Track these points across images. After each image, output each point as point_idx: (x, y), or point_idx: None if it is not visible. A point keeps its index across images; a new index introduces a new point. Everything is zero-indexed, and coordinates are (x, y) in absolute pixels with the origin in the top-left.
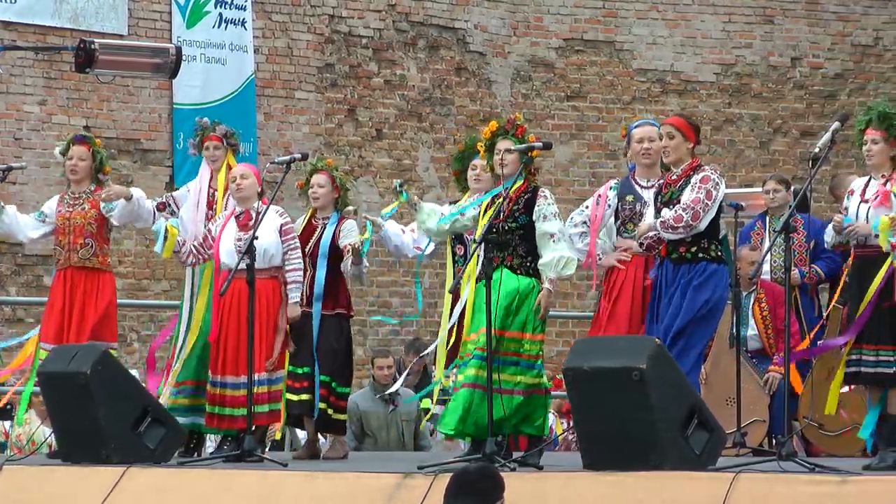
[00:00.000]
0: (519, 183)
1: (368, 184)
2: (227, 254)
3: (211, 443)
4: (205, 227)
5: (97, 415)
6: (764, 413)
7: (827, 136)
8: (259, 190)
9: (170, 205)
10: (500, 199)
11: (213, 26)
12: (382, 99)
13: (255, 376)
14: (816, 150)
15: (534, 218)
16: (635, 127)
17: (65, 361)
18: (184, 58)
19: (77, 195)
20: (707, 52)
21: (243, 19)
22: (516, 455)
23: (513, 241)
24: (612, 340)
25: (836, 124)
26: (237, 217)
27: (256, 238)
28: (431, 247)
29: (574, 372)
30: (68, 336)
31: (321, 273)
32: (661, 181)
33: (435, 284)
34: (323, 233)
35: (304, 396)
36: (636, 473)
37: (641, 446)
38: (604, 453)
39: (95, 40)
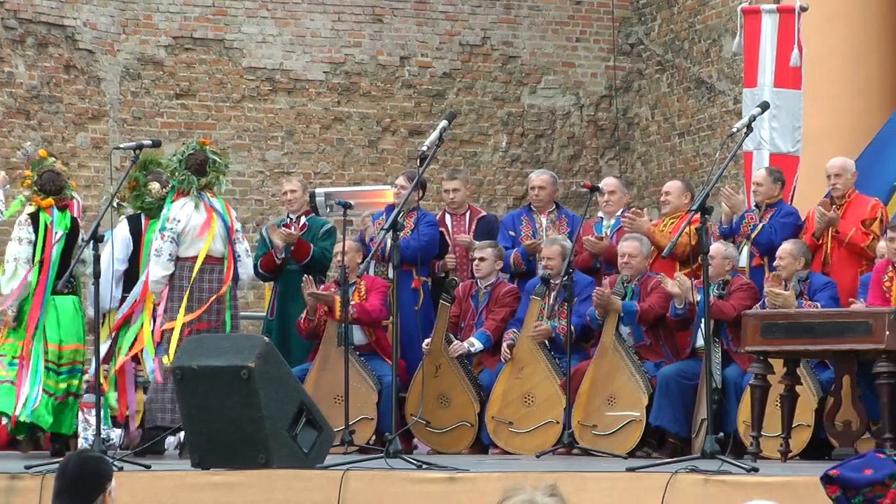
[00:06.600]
0: None
1: None
2: None
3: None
4: None
5: None
6: (372, 411)
7: (435, 135)
8: None
9: None
10: None
11: None
12: None
13: None
14: (424, 148)
15: None
16: None
17: None
18: None
19: None
20: (316, 51)
21: None
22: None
23: None
24: (222, 339)
25: (443, 123)
26: None
27: None
28: None
29: (183, 371)
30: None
31: None
32: None
33: None
34: None
35: None
36: (245, 472)
37: (250, 444)
38: (213, 451)
39: None
